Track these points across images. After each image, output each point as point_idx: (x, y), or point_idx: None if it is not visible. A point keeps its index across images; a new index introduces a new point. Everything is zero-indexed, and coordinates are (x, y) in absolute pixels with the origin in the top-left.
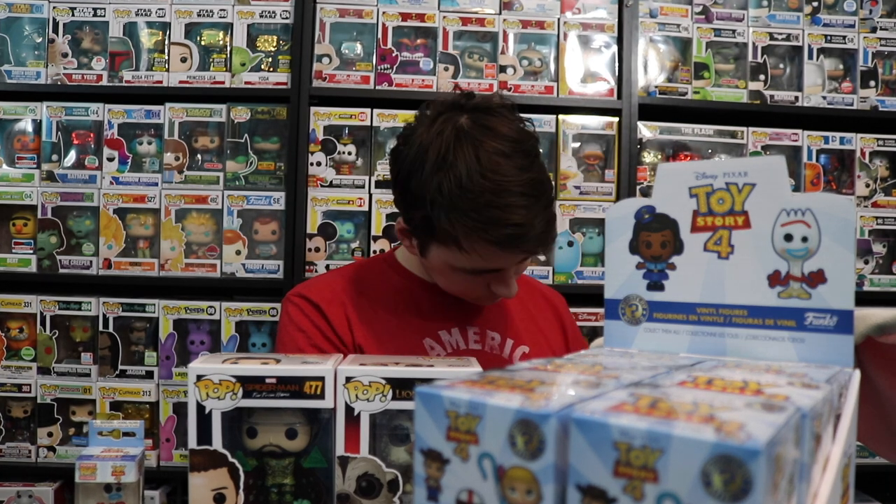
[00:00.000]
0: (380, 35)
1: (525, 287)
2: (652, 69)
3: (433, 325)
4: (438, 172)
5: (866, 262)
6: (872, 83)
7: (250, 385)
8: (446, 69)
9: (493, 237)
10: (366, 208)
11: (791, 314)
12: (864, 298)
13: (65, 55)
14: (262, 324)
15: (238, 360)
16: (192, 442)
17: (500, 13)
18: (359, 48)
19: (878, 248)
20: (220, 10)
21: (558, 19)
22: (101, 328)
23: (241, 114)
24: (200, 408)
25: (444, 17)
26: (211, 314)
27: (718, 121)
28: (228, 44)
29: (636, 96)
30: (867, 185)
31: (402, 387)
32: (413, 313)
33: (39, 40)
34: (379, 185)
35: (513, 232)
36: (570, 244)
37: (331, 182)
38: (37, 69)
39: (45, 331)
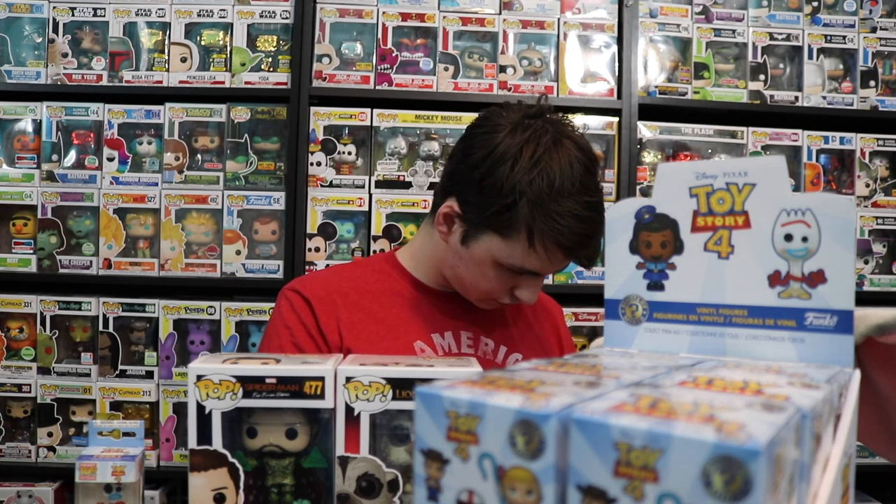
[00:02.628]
0: (380, 35)
1: None
2: (652, 69)
3: (427, 328)
4: (532, 170)
5: (866, 262)
6: (872, 83)
7: (250, 385)
8: (446, 69)
9: (565, 241)
10: (366, 208)
11: (791, 314)
12: (864, 298)
13: (65, 55)
14: (262, 324)
15: (238, 360)
16: (192, 442)
17: (500, 13)
18: (359, 48)
19: (878, 248)
20: (220, 10)
21: (558, 19)
22: (101, 328)
23: (241, 114)
24: (200, 408)
25: (444, 17)
26: (211, 314)
27: (718, 121)
28: (228, 44)
29: (636, 96)
30: (867, 185)
31: (402, 387)
32: (408, 315)
33: (39, 40)
34: (379, 184)
35: (581, 242)
36: None
37: (331, 182)
38: (37, 69)
39: (45, 331)
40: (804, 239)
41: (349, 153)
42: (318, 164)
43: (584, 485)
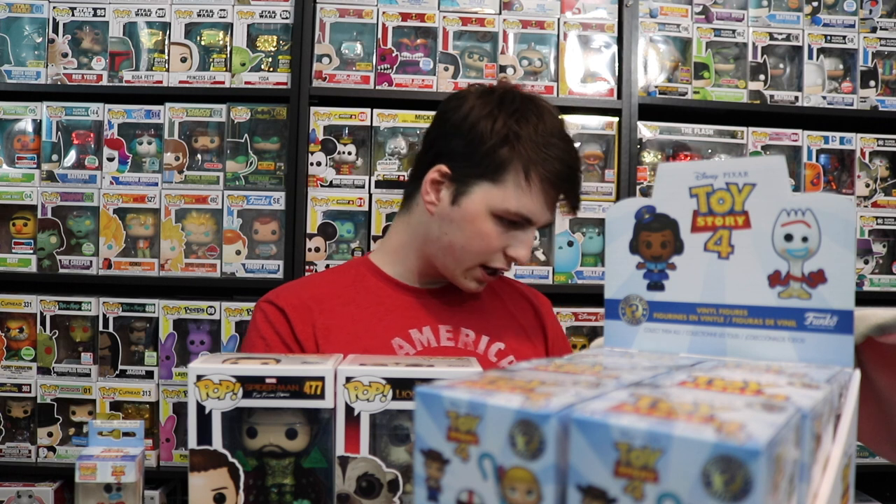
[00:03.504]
0: (380, 35)
1: (506, 287)
2: (652, 69)
3: (405, 324)
4: (515, 116)
5: (866, 262)
6: (872, 83)
7: (250, 385)
8: (446, 69)
9: (554, 175)
10: (366, 208)
11: (791, 314)
12: (864, 298)
13: (65, 55)
14: None
15: (238, 360)
16: (192, 442)
17: (500, 13)
18: (359, 48)
19: (878, 248)
20: (220, 10)
21: (558, 19)
22: (101, 328)
23: (241, 114)
24: (200, 408)
25: (444, 17)
26: (211, 314)
27: (718, 121)
28: (228, 44)
29: (636, 96)
30: (867, 185)
31: (402, 387)
32: (384, 313)
33: (39, 40)
34: (379, 184)
35: (570, 177)
36: (570, 244)
37: (331, 182)
38: (37, 69)
39: (45, 331)
40: (804, 239)
41: (349, 153)
42: (318, 164)
43: (584, 485)
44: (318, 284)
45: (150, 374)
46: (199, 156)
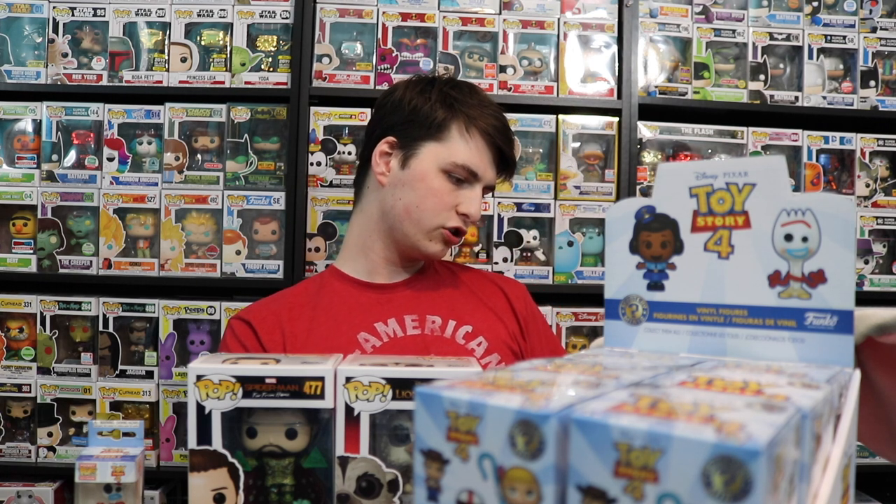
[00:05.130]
0: (380, 35)
1: (474, 275)
2: (652, 69)
3: (369, 319)
4: (446, 85)
5: (866, 262)
6: (872, 83)
7: (250, 385)
8: (446, 69)
9: (488, 124)
10: None
11: (791, 314)
12: (864, 298)
13: (65, 55)
14: None
15: (238, 361)
16: (192, 442)
17: (500, 13)
18: (359, 48)
19: (878, 248)
20: (220, 10)
21: (558, 19)
22: (101, 328)
23: (241, 114)
24: (200, 408)
25: (444, 17)
26: (211, 314)
27: (718, 121)
28: (228, 44)
29: (636, 96)
30: (867, 185)
31: (402, 387)
32: (349, 311)
33: (39, 40)
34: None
35: (504, 134)
36: (570, 244)
37: (331, 182)
38: (37, 69)
39: (45, 331)
40: (804, 239)
41: (349, 153)
42: (318, 164)
43: (584, 485)
44: (287, 296)
45: (150, 374)
46: (199, 156)
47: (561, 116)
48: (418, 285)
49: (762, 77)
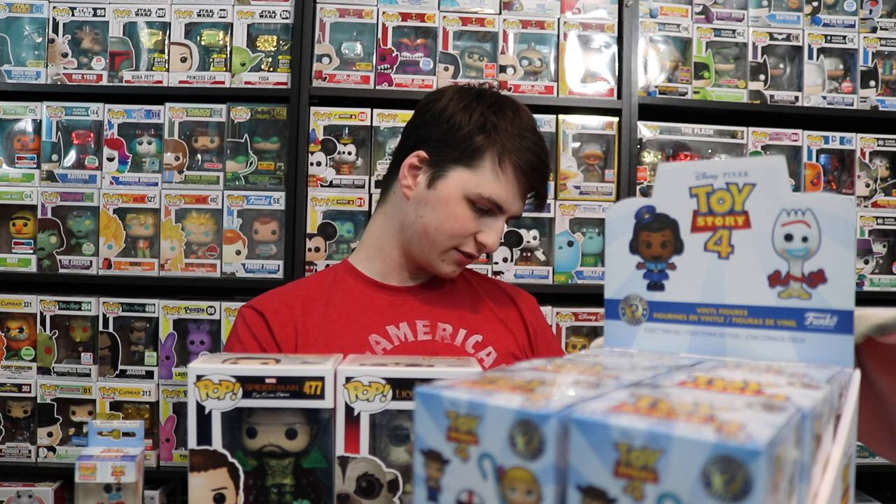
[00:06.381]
0: (380, 35)
1: (486, 283)
2: (652, 69)
3: (381, 321)
4: (489, 108)
5: (866, 262)
6: (872, 83)
7: (250, 385)
8: (446, 69)
9: (526, 165)
10: (366, 208)
11: (791, 314)
12: (864, 298)
13: (65, 55)
14: None
15: (238, 361)
16: (192, 442)
17: (500, 13)
18: (359, 48)
19: (878, 248)
20: (220, 10)
21: (558, 19)
22: (101, 328)
23: (241, 114)
24: (200, 408)
25: (444, 17)
26: (211, 314)
27: (718, 121)
28: (228, 44)
29: (636, 96)
30: (867, 185)
31: (402, 387)
32: (361, 312)
33: (39, 40)
34: (379, 184)
35: (539, 170)
36: (570, 244)
37: (331, 182)
38: (37, 69)
39: (45, 331)
40: (804, 239)
41: (349, 153)
42: (318, 164)
43: (584, 485)
44: (300, 288)
45: (150, 374)
46: (199, 156)
47: (561, 116)
48: (432, 291)
49: (762, 77)
